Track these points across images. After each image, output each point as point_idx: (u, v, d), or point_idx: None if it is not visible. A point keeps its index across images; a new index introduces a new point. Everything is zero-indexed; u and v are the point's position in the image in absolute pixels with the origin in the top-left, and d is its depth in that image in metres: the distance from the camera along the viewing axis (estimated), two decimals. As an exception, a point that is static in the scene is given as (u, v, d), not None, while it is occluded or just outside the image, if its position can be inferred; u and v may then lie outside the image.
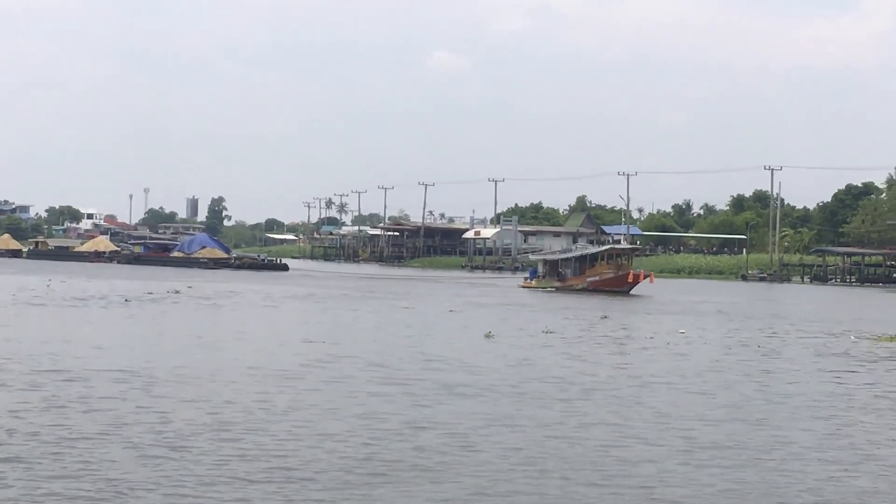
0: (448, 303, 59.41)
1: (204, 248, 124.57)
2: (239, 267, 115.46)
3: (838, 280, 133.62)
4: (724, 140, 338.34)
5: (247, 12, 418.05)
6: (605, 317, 49.63)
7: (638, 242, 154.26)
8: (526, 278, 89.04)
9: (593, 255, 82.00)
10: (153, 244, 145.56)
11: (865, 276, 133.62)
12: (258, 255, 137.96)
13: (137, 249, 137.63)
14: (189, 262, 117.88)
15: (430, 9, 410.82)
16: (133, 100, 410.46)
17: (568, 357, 31.09)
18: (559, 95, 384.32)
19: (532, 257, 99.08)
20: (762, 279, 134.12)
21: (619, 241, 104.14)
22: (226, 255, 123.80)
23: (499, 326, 41.60)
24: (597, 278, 79.04)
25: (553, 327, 41.65)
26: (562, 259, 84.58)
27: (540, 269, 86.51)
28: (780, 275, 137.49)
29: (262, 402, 20.73)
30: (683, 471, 15.97)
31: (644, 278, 79.07)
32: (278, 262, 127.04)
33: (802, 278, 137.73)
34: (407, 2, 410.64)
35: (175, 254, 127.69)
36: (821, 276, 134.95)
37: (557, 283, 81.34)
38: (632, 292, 76.75)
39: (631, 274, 78.72)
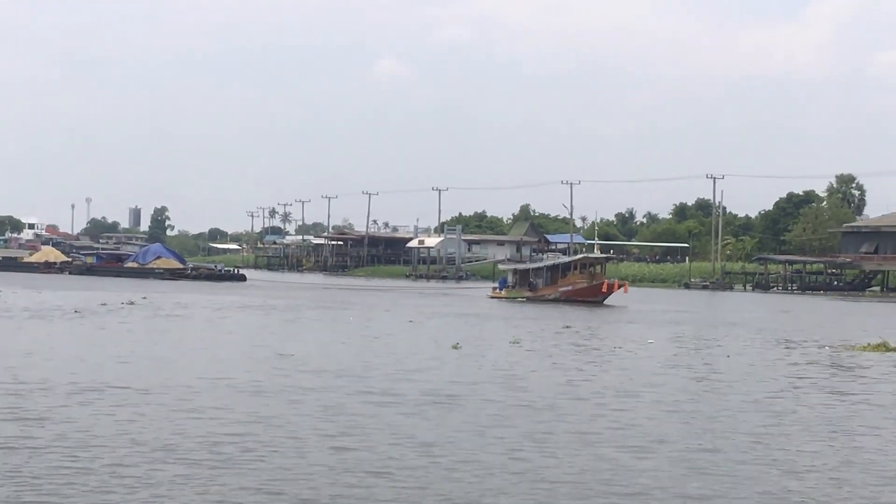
0: (410, 313, 58.96)
1: (159, 258, 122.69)
2: (196, 277, 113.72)
3: (780, 288, 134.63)
4: (666, 148, 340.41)
5: (187, 21, 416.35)
6: (568, 326, 49.54)
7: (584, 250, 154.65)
8: (495, 288, 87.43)
9: (566, 264, 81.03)
10: (106, 254, 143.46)
11: (807, 284, 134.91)
12: (215, 266, 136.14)
13: (90, 260, 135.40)
14: (144, 273, 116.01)
15: (374, 18, 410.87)
16: (74, 108, 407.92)
17: (537, 367, 31.01)
18: (502, 104, 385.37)
19: (501, 266, 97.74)
20: (705, 287, 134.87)
21: (577, 251, 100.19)
22: (181, 266, 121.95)
23: (466, 337, 41.28)
24: (570, 288, 77.97)
25: (521, 337, 41.54)
26: (533, 269, 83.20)
27: (510, 278, 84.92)
28: (723, 283, 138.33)
29: (239, 415, 20.59)
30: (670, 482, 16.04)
31: (618, 288, 78.26)
32: (236, 272, 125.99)
33: (745, 286, 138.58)
34: (351, 11, 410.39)
35: (129, 264, 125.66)
36: (762, 285, 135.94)
37: (528, 293, 79.99)
38: (605, 302, 75.96)
39: (605, 283, 77.92)
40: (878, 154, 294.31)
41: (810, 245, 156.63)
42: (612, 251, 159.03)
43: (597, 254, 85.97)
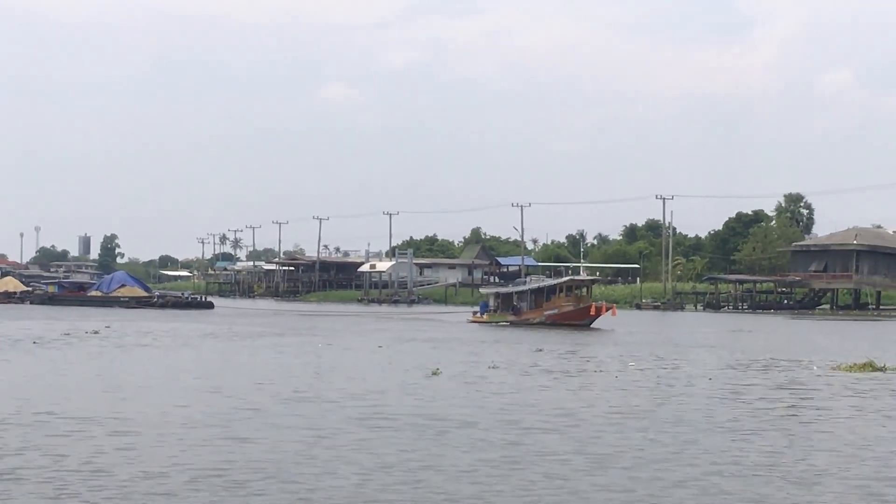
0: (383, 338, 58.46)
1: (123, 286, 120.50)
2: (163, 306, 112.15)
3: (731, 307, 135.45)
4: (615, 170, 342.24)
5: (135, 44, 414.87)
6: (540, 350, 49.10)
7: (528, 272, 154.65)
8: (475, 312, 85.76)
9: (551, 287, 79.03)
10: (68, 283, 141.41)
11: (757, 303, 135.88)
12: (182, 293, 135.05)
13: (51, 289, 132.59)
14: (109, 302, 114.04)
15: (323, 42, 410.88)
16: (21, 136, 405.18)
17: (518, 393, 30.72)
18: (452, 127, 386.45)
19: (483, 290, 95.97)
20: (656, 308, 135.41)
21: (576, 272, 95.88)
22: (147, 294, 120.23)
23: (444, 363, 40.79)
24: (555, 311, 76.26)
25: (500, 362, 41.31)
26: (516, 292, 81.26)
27: (491, 302, 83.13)
28: (674, 303, 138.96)
29: (233, 445, 20.48)
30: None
31: (606, 311, 77.00)
32: (203, 300, 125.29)
33: (695, 306, 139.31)
34: (299, 35, 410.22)
35: (93, 293, 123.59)
36: (713, 304, 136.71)
37: (512, 318, 78.29)
38: (592, 325, 74.53)
39: (593, 306, 76.54)
40: (826, 173, 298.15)
41: (760, 264, 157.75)
42: (594, 273, 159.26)
43: (583, 276, 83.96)
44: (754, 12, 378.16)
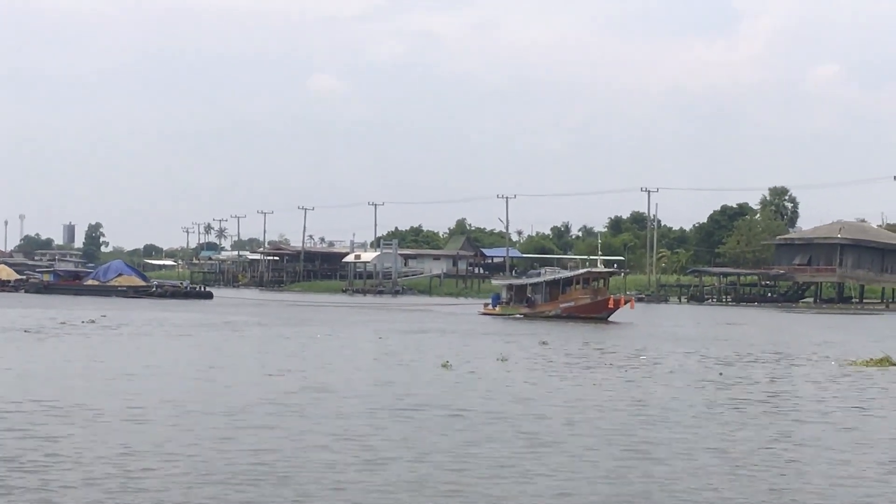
0: (388, 329, 58.29)
1: (120, 275, 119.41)
2: (161, 295, 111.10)
3: (714, 300, 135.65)
4: (601, 162, 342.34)
5: (123, 35, 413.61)
6: (545, 343, 48.64)
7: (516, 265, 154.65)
8: (487, 304, 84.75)
9: (567, 279, 77.98)
10: (63, 272, 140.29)
11: (741, 296, 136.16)
12: (181, 282, 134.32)
13: (46, 278, 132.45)
14: (105, 291, 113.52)
15: (311, 33, 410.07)
16: (6, 124, 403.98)
17: (529, 387, 30.48)
18: (438, 120, 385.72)
19: (495, 282, 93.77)
20: (640, 300, 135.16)
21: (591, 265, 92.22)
22: (144, 283, 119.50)
23: (454, 355, 40.39)
24: (572, 304, 75.44)
25: (509, 355, 40.97)
26: (531, 284, 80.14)
27: (504, 294, 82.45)
28: (658, 295, 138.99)
29: (262, 436, 20.42)
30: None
31: (625, 303, 76.32)
32: (202, 289, 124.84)
33: (679, 299, 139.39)
34: (287, 26, 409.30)
35: (89, 282, 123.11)
36: (697, 297, 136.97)
37: (526, 310, 77.36)
38: (610, 319, 73.71)
39: (611, 299, 75.81)
40: (811, 167, 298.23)
41: (744, 257, 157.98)
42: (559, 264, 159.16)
43: (600, 268, 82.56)
44: (742, 6, 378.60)
